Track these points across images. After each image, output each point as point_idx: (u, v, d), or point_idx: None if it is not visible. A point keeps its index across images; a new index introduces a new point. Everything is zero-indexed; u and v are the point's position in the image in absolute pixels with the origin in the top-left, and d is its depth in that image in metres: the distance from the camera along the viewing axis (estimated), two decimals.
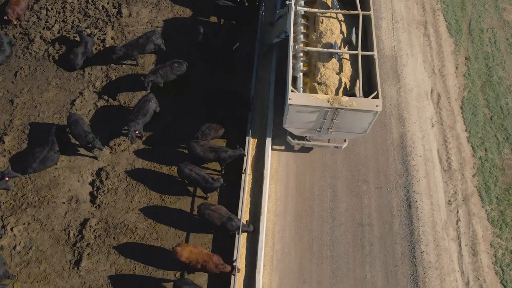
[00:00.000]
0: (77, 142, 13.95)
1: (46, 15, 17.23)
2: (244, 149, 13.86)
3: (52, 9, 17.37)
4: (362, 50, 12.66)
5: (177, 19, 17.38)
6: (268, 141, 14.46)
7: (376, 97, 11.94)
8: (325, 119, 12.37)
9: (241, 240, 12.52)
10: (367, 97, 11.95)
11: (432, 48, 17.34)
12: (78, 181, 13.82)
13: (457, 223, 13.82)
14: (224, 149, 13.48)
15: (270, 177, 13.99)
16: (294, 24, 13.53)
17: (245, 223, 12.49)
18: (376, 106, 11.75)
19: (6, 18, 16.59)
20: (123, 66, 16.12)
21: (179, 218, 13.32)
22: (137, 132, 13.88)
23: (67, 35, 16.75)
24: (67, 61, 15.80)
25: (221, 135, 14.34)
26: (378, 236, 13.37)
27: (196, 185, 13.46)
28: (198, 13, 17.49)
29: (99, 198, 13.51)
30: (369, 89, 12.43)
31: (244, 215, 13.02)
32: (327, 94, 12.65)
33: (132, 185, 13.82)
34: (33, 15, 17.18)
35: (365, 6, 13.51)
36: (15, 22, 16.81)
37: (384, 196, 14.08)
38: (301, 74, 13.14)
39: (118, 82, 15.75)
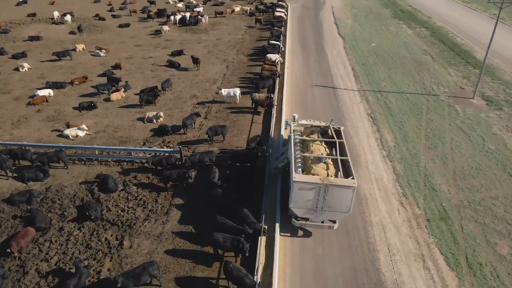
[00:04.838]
0: None
1: (48, 247, 17.59)
2: None
3: (56, 241, 17.89)
4: (340, 157, 19.07)
5: (176, 250, 17.63)
6: None
7: (353, 178, 17.27)
8: (319, 196, 17.13)
9: None
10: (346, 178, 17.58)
11: (436, 281, 16.81)
12: None
13: None
14: None
15: None
16: (293, 146, 20.19)
17: None
18: (353, 183, 16.98)
19: (8, 250, 16.85)
20: None
21: None
22: None
23: (64, 267, 16.56)
24: None
25: None
26: None
27: None
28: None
29: None
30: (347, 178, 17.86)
31: None
32: None
33: None
34: (35, 247, 17.52)
35: (339, 136, 20.97)
36: (15, 255, 16.96)
37: None
38: (300, 169, 18.51)
39: None
